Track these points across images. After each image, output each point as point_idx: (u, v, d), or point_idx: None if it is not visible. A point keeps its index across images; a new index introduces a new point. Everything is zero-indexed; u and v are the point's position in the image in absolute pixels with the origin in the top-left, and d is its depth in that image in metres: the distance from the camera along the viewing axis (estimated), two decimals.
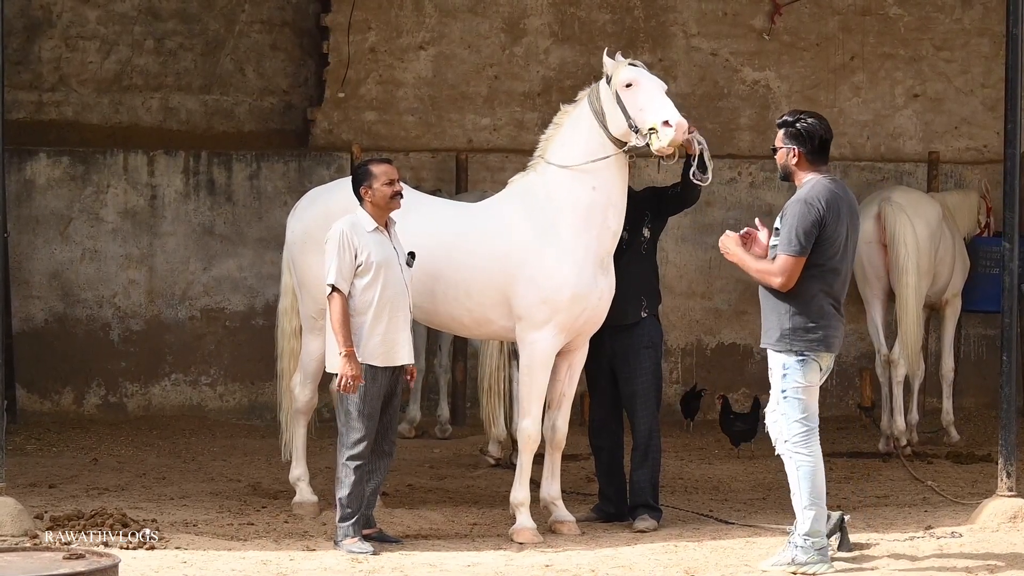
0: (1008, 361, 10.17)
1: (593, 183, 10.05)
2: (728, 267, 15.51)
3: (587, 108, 10.12)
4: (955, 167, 15.87)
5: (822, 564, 8.79)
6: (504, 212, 10.26)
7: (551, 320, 9.98)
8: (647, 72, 10.06)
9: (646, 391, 10.56)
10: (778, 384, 8.90)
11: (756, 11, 15.84)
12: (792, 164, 8.96)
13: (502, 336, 10.58)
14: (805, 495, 8.82)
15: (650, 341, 10.60)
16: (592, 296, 10.05)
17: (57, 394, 14.85)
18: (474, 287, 10.11)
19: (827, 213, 8.76)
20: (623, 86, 9.91)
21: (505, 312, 10.14)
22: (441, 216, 10.31)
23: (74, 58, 15.44)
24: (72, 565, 7.43)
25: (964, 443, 13.87)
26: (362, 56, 15.39)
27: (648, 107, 9.84)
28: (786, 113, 9.13)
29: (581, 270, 10.00)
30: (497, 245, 10.11)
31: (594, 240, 10.03)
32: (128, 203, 14.95)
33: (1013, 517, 9.94)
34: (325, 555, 9.32)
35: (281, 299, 10.96)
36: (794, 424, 8.85)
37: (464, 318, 10.27)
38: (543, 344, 10.02)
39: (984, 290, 14.21)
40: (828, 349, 8.89)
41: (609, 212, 10.07)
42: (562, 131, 10.23)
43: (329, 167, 15.04)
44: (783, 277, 8.82)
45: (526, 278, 10.00)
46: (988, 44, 15.96)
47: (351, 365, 9.39)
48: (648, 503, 10.47)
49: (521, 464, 10.10)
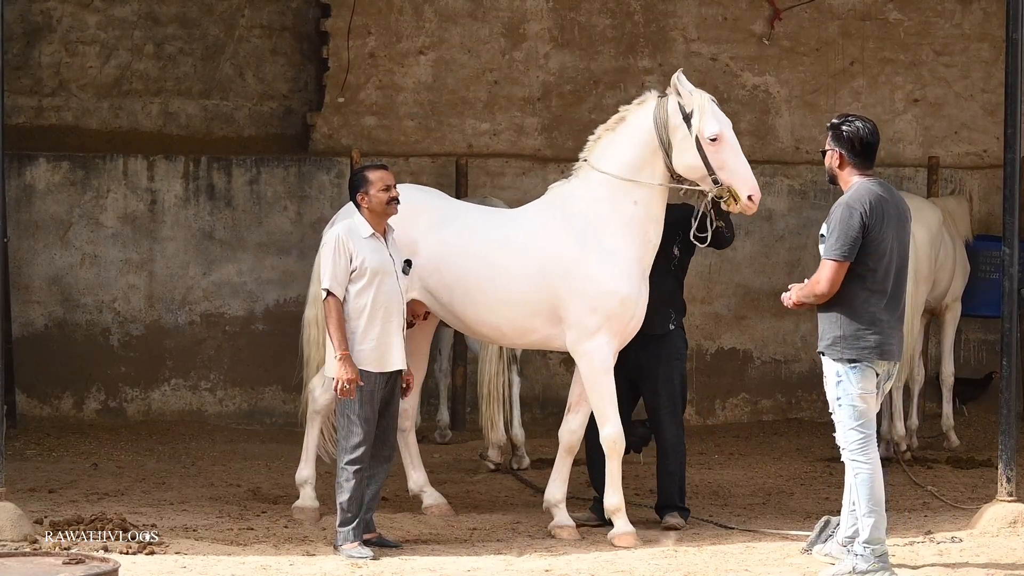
0: (1008, 366, 10.17)
1: (635, 197, 10.07)
2: (728, 272, 15.58)
3: (649, 127, 10.02)
4: (955, 172, 15.87)
5: (883, 572, 8.74)
6: (544, 220, 10.27)
7: (602, 327, 10.01)
8: (722, 114, 10.00)
9: (672, 400, 10.68)
10: (832, 391, 8.86)
11: (756, 16, 15.84)
12: (835, 167, 8.92)
13: (543, 345, 10.59)
14: (864, 503, 8.78)
15: (678, 352, 10.74)
16: (641, 302, 10.10)
17: (57, 399, 14.84)
18: (514, 296, 10.13)
19: (871, 217, 8.68)
20: (708, 139, 9.85)
21: (548, 320, 10.16)
22: (481, 224, 10.34)
23: (74, 63, 15.44)
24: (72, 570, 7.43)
25: (964, 448, 13.87)
26: (362, 61, 15.39)
27: (734, 171, 9.86)
28: (835, 116, 9.11)
29: (629, 276, 10.03)
30: (539, 254, 10.12)
31: (636, 251, 10.07)
32: (128, 208, 14.94)
33: (1013, 522, 9.94)
34: (325, 560, 9.33)
35: (308, 308, 10.93)
36: (850, 432, 8.81)
37: (505, 327, 10.30)
38: (599, 353, 10.05)
39: (984, 295, 14.22)
40: (882, 356, 8.79)
41: (650, 226, 10.11)
42: (616, 138, 10.17)
43: (329, 172, 15.04)
44: (826, 283, 8.75)
45: (573, 288, 10.03)
46: (988, 49, 15.96)
47: (347, 368, 9.41)
48: (675, 503, 10.64)
49: (611, 471, 10.13)
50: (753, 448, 14.14)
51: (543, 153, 15.50)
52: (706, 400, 15.52)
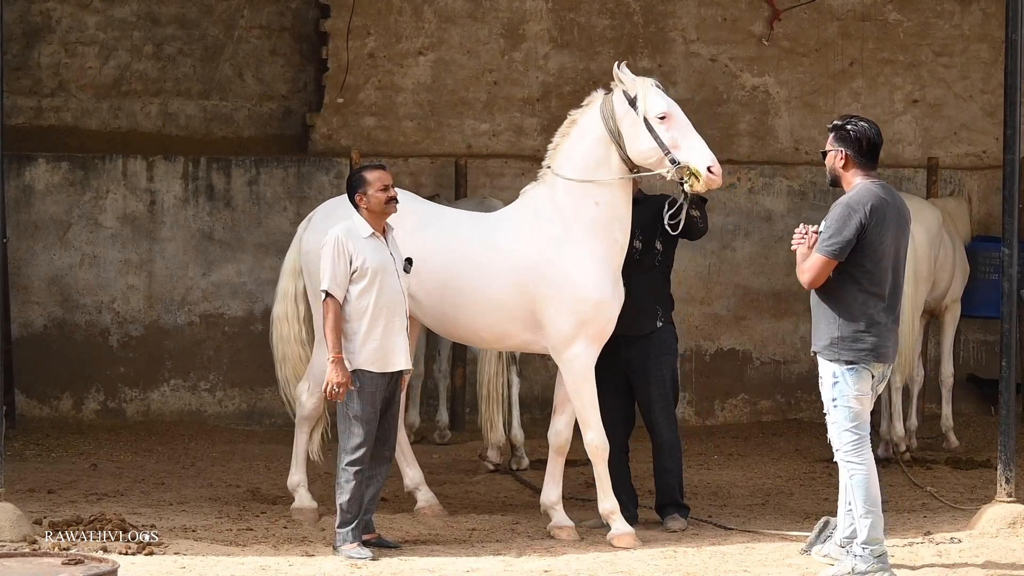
0: (1007, 367, 10.16)
1: (596, 199, 10.03)
2: (727, 273, 15.58)
3: (598, 122, 10.03)
4: (954, 173, 15.87)
5: (883, 572, 8.74)
6: (517, 225, 10.25)
7: (579, 333, 9.99)
8: (668, 96, 9.96)
9: (664, 396, 10.63)
10: (828, 392, 8.86)
11: (755, 17, 15.85)
12: (840, 167, 8.89)
13: (523, 348, 10.60)
14: (860, 503, 8.77)
15: (668, 348, 10.69)
16: (614, 304, 10.06)
17: (56, 399, 14.84)
18: (492, 301, 10.12)
19: (870, 219, 8.67)
20: (656, 117, 9.84)
21: (525, 325, 10.14)
22: (458, 228, 10.31)
23: (73, 63, 15.44)
24: (71, 571, 7.43)
25: (963, 449, 13.87)
26: (361, 62, 15.39)
27: (689, 147, 9.79)
28: (837, 117, 9.09)
29: (602, 281, 9.99)
30: (512, 259, 10.10)
31: (604, 252, 10.03)
32: (127, 208, 14.95)
33: (1012, 523, 9.94)
34: (324, 561, 9.33)
35: (276, 304, 10.93)
36: (845, 433, 8.81)
37: (484, 332, 10.30)
38: (581, 359, 10.03)
39: (983, 296, 14.21)
40: (879, 359, 8.80)
41: (614, 227, 10.05)
42: (570, 143, 10.16)
43: (328, 172, 15.04)
44: (810, 275, 8.76)
45: (547, 295, 10.01)
46: (987, 50, 15.96)
47: (338, 371, 9.39)
48: (676, 500, 10.62)
49: (599, 476, 10.13)
50: (752, 449, 14.14)
51: (542, 154, 15.15)
52: (705, 401, 15.52)
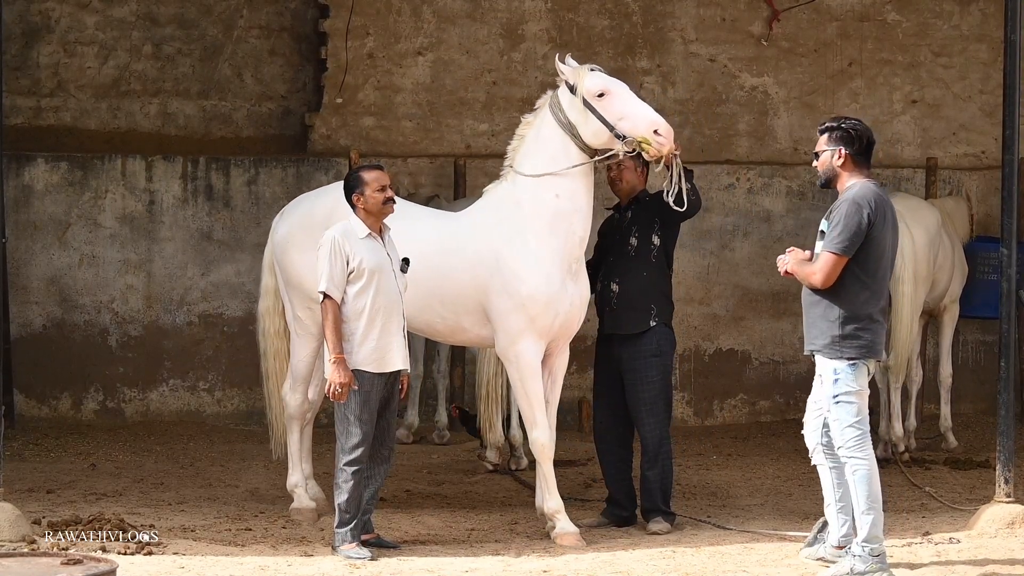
0: (1006, 367, 10.16)
1: (557, 191, 10.08)
2: (726, 273, 15.56)
3: (549, 118, 10.13)
4: (953, 173, 15.87)
5: (881, 572, 8.73)
6: (477, 221, 10.32)
7: (528, 329, 10.02)
8: (611, 77, 10.07)
9: (653, 399, 10.56)
10: (829, 390, 8.85)
11: (754, 17, 15.84)
12: (837, 166, 8.89)
13: (476, 344, 10.68)
14: (862, 500, 8.77)
15: (658, 350, 10.58)
16: (563, 302, 10.09)
17: (55, 399, 14.84)
18: (447, 295, 10.18)
19: (875, 215, 8.71)
20: (595, 96, 9.93)
21: (478, 320, 10.21)
22: (420, 224, 10.34)
23: (72, 63, 15.44)
24: (70, 570, 7.43)
25: (962, 449, 13.86)
26: (360, 62, 15.39)
27: (631, 115, 9.89)
28: (826, 119, 9.09)
29: (550, 277, 10.03)
30: (468, 254, 10.17)
31: (561, 247, 10.07)
32: (126, 208, 14.94)
33: (1011, 523, 9.94)
34: (323, 560, 9.33)
35: (261, 300, 11.00)
36: (848, 429, 8.82)
37: (438, 325, 10.34)
38: (526, 356, 10.06)
39: (982, 296, 14.21)
40: (874, 355, 8.87)
41: (575, 218, 10.10)
42: (526, 143, 10.26)
43: (327, 172, 15.03)
44: (823, 275, 8.78)
45: (498, 288, 10.06)
46: (986, 50, 15.96)
47: (340, 372, 9.40)
48: (659, 508, 10.52)
49: (543, 474, 10.13)
50: (751, 449, 14.14)
51: None
52: (704, 401, 15.52)
